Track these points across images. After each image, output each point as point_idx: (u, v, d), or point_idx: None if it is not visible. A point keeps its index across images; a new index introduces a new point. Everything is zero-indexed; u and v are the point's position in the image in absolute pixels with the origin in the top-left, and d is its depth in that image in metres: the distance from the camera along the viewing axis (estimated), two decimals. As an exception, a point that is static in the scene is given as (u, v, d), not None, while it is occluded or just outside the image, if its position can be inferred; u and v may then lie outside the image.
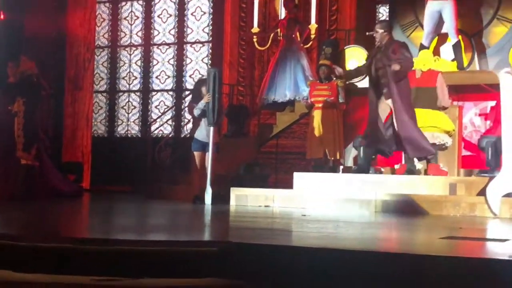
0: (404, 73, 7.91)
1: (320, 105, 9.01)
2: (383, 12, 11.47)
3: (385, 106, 8.01)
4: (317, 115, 9.02)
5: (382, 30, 8.04)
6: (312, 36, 10.50)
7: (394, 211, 7.55)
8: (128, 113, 13.37)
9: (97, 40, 13.40)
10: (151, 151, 11.32)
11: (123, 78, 13.46)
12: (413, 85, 8.22)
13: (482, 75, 9.23)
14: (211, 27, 12.80)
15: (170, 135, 12.65)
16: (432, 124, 8.25)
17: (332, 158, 8.98)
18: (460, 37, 9.55)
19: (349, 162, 9.52)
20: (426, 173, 8.32)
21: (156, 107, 13.14)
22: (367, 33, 8.38)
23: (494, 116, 8.87)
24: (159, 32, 13.21)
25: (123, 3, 13.49)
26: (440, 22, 9.63)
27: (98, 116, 13.51)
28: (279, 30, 10.91)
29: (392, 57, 7.86)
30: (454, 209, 7.40)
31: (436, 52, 9.65)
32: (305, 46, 10.71)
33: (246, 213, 7.42)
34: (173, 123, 12.94)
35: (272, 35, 11.05)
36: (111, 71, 13.51)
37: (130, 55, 13.42)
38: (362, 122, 9.74)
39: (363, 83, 9.48)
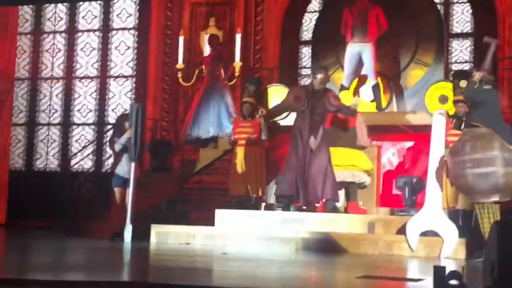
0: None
1: (243, 142, 9.07)
2: (306, 52, 11.73)
3: (307, 146, 8.15)
4: (240, 151, 9.08)
5: (328, 77, 8.33)
6: (236, 74, 10.58)
7: (314, 249, 7.63)
8: (47, 147, 13.09)
9: (17, 72, 13.12)
10: (70, 186, 11.09)
11: (43, 111, 13.20)
12: (334, 125, 8.43)
13: (400, 116, 9.51)
14: (135, 62, 12.76)
15: (91, 170, 12.45)
16: (352, 163, 8.43)
17: (254, 195, 9.03)
18: (379, 79, 9.84)
19: (271, 199, 9.58)
20: (345, 211, 8.47)
21: (76, 141, 12.93)
22: (320, 68, 8.61)
23: (411, 156, 9.17)
24: (81, 65, 13.06)
25: (45, 35, 13.30)
26: (360, 64, 9.91)
27: (16, 150, 13.17)
28: (203, 66, 10.97)
29: (335, 103, 8.16)
30: (372, 247, 7.54)
31: (356, 93, 9.91)
32: (229, 84, 10.79)
33: (166, 251, 7.35)
34: (94, 157, 12.74)
35: (196, 71, 11.07)
36: (31, 104, 13.23)
37: (51, 87, 13.20)
38: (284, 159, 9.85)
39: (286, 121, 9.64)
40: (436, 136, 7.41)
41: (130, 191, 8.56)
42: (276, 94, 9.94)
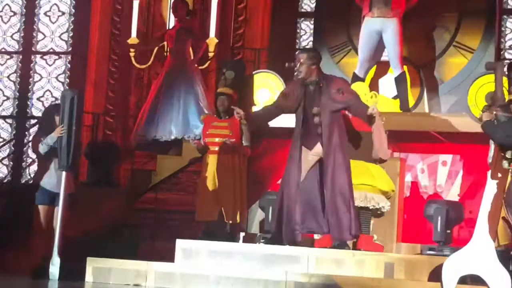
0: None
1: (217, 148, 9.06)
2: (306, 28, 11.75)
3: (312, 158, 8.14)
4: (212, 161, 9.07)
5: (310, 62, 8.12)
6: (210, 54, 10.59)
7: (311, 298, 7.63)
8: None
9: None
10: (-23, 201, 11.04)
11: None
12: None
13: (432, 119, 9.55)
14: (71, 33, 12.72)
15: (6, 180, 12.39)
16: (365, 182, 8.42)
17: (230, 222, 9.00)
18: (405, 68, 9.87)
19: (254, 228, 9.57)
20: (355, 247, 8.46)
21: (-13, 139, 12.88)
22: (286, 65, 8.51)
23: (448, 175, 9.23)
24: (-3, 37, 13.03)
25: None
26: (379, 46, 9.93)
27: None
28: (165, 43, 10.95)
29: (338, 98, 8.01)
30: (390, 297, 7.55)
31: (374, 86, 9.93)
32: (201, 67, 10.79)
33: None
34: (11, 163, 12.69)
35: (155, 49, 11.06)
36: None
37: (-46, 64, 13.16)
38: (272, 173, 9.84)
39: (276, 122, 9.63)
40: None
41: (59, 210, 8.53)
42: (265, 83, 9.94)
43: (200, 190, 9.15)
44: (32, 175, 12.18)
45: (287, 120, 9.53)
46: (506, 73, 8.23)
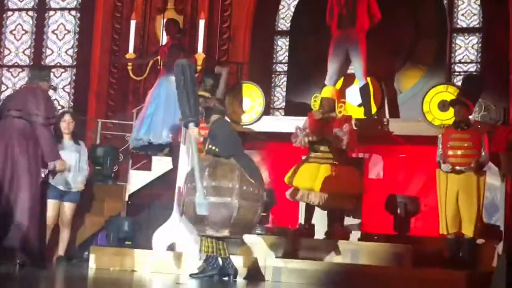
0: None
1: (201, 146, 9.02)
2: (282, 45, 11.78)
3: None
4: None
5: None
6: (198, 68, 10.58)
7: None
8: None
9: None
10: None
11: (-38, 105, 13.06)
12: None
13: (392, 124, 9.61)
14: (75, 49, 12.70)
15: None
16: (340, 189, 8.49)
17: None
18: (368, 79, 9.91)
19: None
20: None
21: (2, 143, 12.80)
22: None
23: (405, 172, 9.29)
24: (10, 51, 12.96)
25: (-34, 14, 13.19)
26: (346, 61, 9.96)
27: None
28: (159, 58, 10.94)
29: None
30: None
31: (342, 95, 9.96)
32: (189, 79, 10.77)
33: (106, 279, 7.31)
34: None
35: (150, 63, 11.05)
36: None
37: (-29, 77, 13.08)
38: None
39: (262, 125, 9.67)
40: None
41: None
42: (247, 93, 9.98)
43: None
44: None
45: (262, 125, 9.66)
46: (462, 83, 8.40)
